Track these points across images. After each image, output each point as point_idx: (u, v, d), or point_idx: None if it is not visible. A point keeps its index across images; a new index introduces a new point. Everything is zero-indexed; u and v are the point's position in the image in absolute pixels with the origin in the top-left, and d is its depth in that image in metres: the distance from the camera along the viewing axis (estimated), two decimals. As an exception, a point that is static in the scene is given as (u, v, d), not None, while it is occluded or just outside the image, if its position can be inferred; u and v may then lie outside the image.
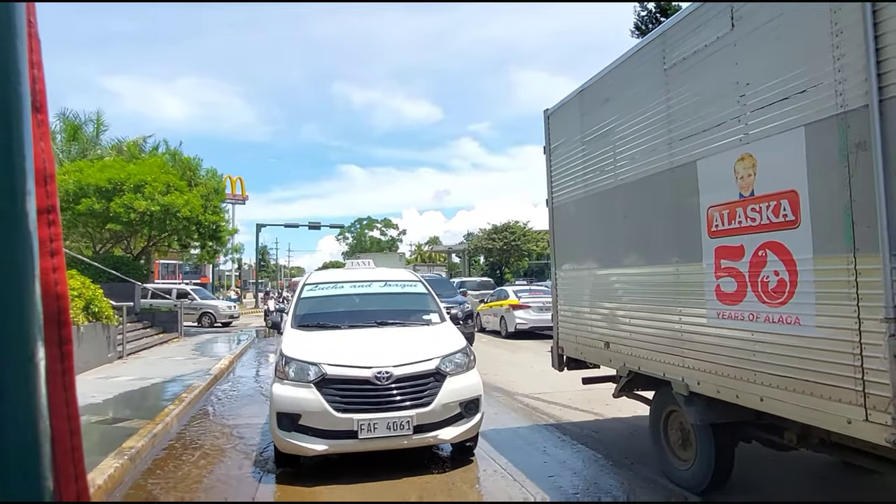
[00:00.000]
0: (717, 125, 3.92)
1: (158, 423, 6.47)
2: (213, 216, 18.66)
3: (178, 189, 17.06)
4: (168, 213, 16.54)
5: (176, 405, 7.45)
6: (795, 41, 3.29)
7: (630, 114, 4.95)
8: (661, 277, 4.61)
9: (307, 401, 4.87)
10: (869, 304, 2.88)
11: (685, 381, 4.33)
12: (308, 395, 4.88)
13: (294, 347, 5.32)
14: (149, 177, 16.56)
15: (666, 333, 4.54)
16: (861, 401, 2.94)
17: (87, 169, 16.51)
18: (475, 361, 5.55)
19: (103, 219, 16.35)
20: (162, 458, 5.75)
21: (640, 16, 20.02)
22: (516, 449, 5.81)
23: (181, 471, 5.37)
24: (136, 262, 18.69)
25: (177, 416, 7.09)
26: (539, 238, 44.32)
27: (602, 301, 5.59)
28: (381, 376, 4.93)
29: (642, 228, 4.89)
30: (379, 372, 4.94)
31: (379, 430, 4.82)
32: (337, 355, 5.14)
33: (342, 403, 4.86)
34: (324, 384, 4.91)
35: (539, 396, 8.22)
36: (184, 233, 18.25)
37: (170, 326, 17.60)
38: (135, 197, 16.00)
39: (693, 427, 4.51)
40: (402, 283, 7.05)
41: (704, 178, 4.08)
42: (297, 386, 4.96)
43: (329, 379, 4.93)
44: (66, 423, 0.57)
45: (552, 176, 6.58)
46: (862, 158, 2.88)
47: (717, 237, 3.96)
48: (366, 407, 4.88)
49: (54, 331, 0.57)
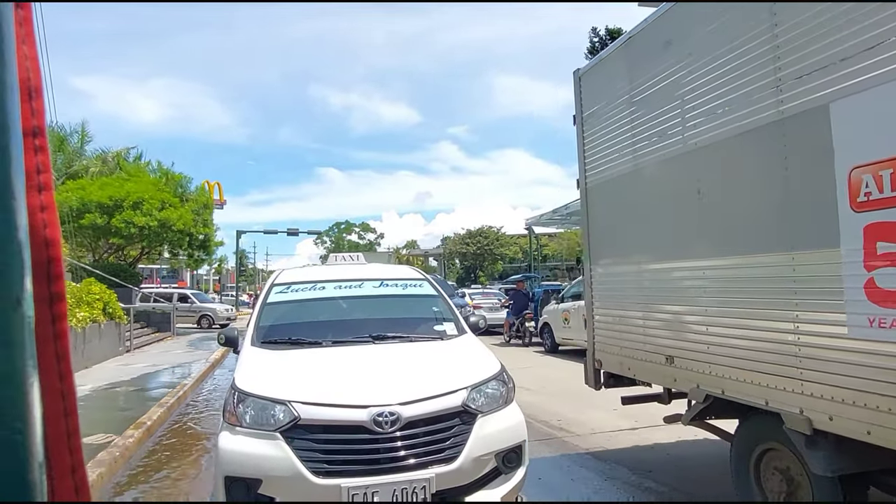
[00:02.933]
0: (869, 48, 2.70)
1: (178, 390, 9.00)
2: (203, 229, 21.16)
3: (171, 205, 19.23)
4: (164, 227, 18.73)
5: (188, 381, 10.06)
6: None
7: (710, 54, 3.73)
8: (763, 270, 3.38)
9: (271, 459, 3.32)
10: None
11: (804, 414, 3.10)
12: (272, 451, 3.33)
13: (253, 377, 3.73)
14: (146, 194, 18.52)
15: (771, 347, 3.31)
16: None
17: (88, 186, 18.32)
18: (515, 390, 3.96)
19: (105, 232, 18.42)
20: (182, 409, 8.28)
21: (592, 41, 21.69)
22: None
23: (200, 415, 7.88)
24: (132, 269, 20.78)
25: (190, 387, 9.63)
26: (511, 242, 45.28)
27: (663, 304, 4.35)
28: (384, 420, 3.38)
29: (729, 205, 3.66)
30: (379, 413, 3.39)
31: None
32: (316, 388, 3.60)
33: (324, 462, 3.35)
34: (296, 433, 3.38)
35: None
36: (177, 244, 20.51)
37: (163, 326, 19.43)
38: (134, 213, 18.04)
39: (810, 477, 3.29)
40: (404, 282, 5.26)
41: (843, 127, 2.86)
42: (255, 436, 3.40)
43: (304, 425, 3.39)
44: (61, 402, 0.48)
45: (585, 150, 5.36)
46: None
47: (869, 210, 2.73)
48: (360, 467, 3.37)
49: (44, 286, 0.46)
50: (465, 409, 3.57)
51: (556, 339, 13.74)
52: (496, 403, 3.73)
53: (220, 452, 3.40)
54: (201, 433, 7.01)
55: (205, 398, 9.30)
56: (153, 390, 9.35)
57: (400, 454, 3.36)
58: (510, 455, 3.64)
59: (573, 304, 12.46)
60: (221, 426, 3.58)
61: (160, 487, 5.17)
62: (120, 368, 11.66)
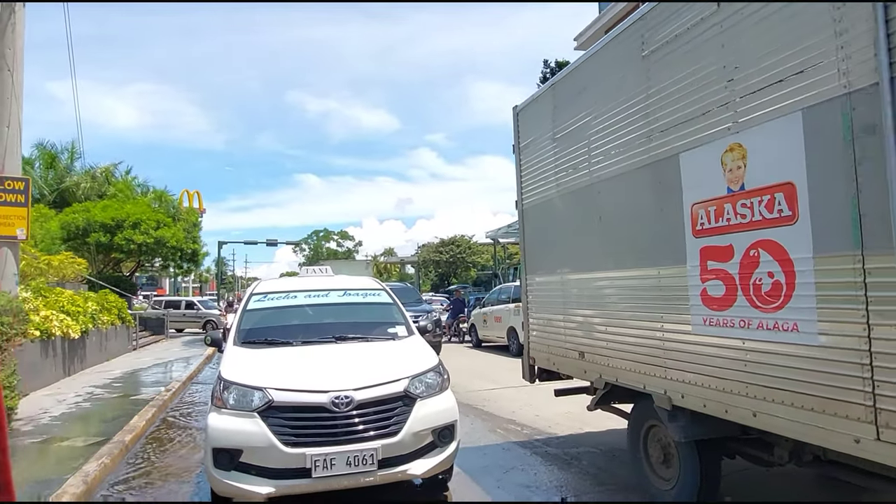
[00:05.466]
0: (703, 114, 3.59)
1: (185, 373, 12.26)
2: (193, 244, 24.55)
3: (165, 224, 22.27)
4: (159, 244, 21.75)
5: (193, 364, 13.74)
6: (791, 18, 2.98)
7: (605, 106, 4.62)
8: (640, 282, 4.26)
9: (250, 433, 4.11)
10: (880, 307, 2.55)
11: (667, 393, 3.97)
12: (251, 427, 4.12)
13: (235, 369, 4.55)
14: (143, 216, 21.58)
15: (647, 342, 4.18)
16: (871, 417, 2.60)
17: (93, 209, 21.19)
18: (449, 381, 4.81)
19: (108, 249, 21.32)
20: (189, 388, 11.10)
21: (544, 74, 23.78)
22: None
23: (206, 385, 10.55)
24: (129, 280, 24.41)
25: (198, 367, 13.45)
26: (483, 250, 46.43)
27: (576, 308, 5.22)
28: (340, 402, 4.20)
29: (619, 229, 4.54)
30: (337, 397, 4.21)
31: (337, 467, 4.07)
32: (286, 378, 4.41)
33: (293, 436, 4.13)
34: (270, 413, 4.17)
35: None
36: (170, 258, 23.89)
37: (158, 330, 22.67)
38: (133, 232, 20.93)
39: (675, 443, 4.15)
40: (364, 291, 6.20)
41: (688, 173, 3.74)
42: (237, 416, 4.19)
43: (277, 406, 4.19)
44: None
45: (522, 176, 6.22)
46: (870, 144, 2.56)
47: (703, 236, 3.62)
48: (321, 439, 4.14)
49: None
50: (406, 394, 4.40)
51: (479, 336, 16.98)
52: (433, 390, 4.57)
53: (209, 429, 4.21)
54: (207, 392, 9.41)
55: (207, 375, 12.60)
56: (171, 372, 12.78)
57: (353, 429, 4.17)
58: (444, 432, 4.49)
59: (488, 309, 16.09)
60: (210, 408, 4.38)
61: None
62: (134, 361, 14.61)
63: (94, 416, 8.04)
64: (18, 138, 8.69)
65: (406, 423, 4.29)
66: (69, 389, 10.08)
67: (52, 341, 10.59)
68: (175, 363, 14.49)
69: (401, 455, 4.25)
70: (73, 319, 11.32)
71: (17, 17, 8.15)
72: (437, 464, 4.41)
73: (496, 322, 15.58)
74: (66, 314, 11.17)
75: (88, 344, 12.87)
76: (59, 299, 11.54)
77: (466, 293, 25.43)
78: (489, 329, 16.08)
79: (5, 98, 8.18)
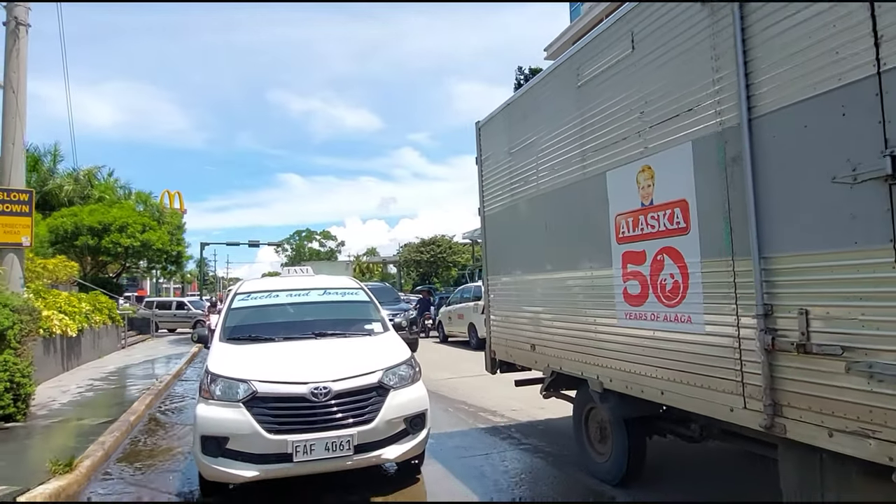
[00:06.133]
0: (623, 139, 4.22)
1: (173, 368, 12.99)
2: (177, 247, 25.47)
3: (151, 227, 23.17)
4: (145, 247, 22.67)
5: (180, 360, 14.44)
6: (684, 64, 3.61)
7: (549, 128, 5.23)
8: (578, 282, 4.89)
9: (235, 422, 4.46)
10: (745, 302, 3.19)
11: (599, 378, 4.60)
12: (236, 416, 4.48)
13: (221, 363, 4.91)
14: (129, 220, 22.37)
15: (583, 335, 4.81)
16: (740, 390, 3.25)
17: (80, 213, 21.80)
18: (421, 373, 5.27)
19: (96, 251, 22.05)
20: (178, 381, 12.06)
21: (518, 80, 25.16)
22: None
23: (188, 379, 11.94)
24: (115, 282, 25.60)
25: (186, 362, 14.37)
26: (463, 250, 46.97)
27: (528, 306, 5.84)
28: (319, 392, 4.56)
29: (561, 235, 5.16)
30: (315, 387, 4.57)
31: (316, 452, 4.44)
32: (269, 370, 4.77)
33: (275, 424, 4.47)
34: (254, 403, 4.52)
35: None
36: (155, 260, 25.13)
37: (144, 329, 23.70)
38: (120, 236, 21.71)
39: (609, 422, 4.79)
40: (343, 291, 6.64)
41: (612, 188, 4.37)
42: (224, 406, 4.56)
43: (260, 397, 4.54)
44: None
45: (483, 186, 6.82)
46: (736, 171, 3.20)
47: (624, 243, 4.25)
48: (301, 427, 4.49)
49: None
50: (380, 385, 4.83)
51: (445, 332, 18.49)
52: (405, 381, 5.01)
53: (198, 418, 4.62)
54: (194, 384, 10.51)
55: (193, 371, 13.52)
56: (161, 367, 13.85)
57: (331, 417, 4.56)
58: (416, 420, 4.93)
59: (452, 307, 17.74)
60: (198, 399, 4.82)
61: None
62: (125, 358, 15.66)
63: (98, 402, 9.04)
64: (22, 153, 9.32)
65: (380, 412, 4.69)
66: (70, 382, 10.99)
67: (53, 339, 11.39)
68: (163, 360, 15.43)
69: (375, 441, 4.65)
70: (70, 319, 12.06)
71: (21, 43, 8.72)
72: (409, 449, 4.86)
73: (459, 319, 17.02)
74: (64, 314, 11.90)
75: (83, 342, 13.68)
76: (56, 300, 12.26)
77: (436, 293, 27.85)
78: (454, 325, 17.52)
79: (10, 117, 8.78)
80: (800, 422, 2.89)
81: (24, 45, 8.84)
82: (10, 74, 8.77)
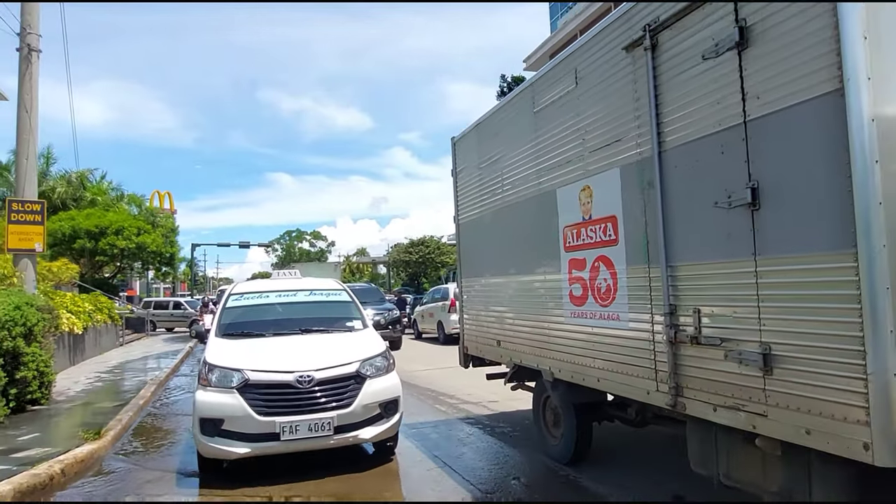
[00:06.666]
0: (568, 161, 4.87)
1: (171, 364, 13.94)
2: (170, 248, 27.14)
3: (146, 231, 24.71)
4: (140, 249, 24.20)
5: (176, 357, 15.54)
6: (613, 101, 4.26)
7: (512, 147, 5.88)
8: (534, 284, 5.54)
9: (230, 406, 5.07)
10: (657, 303, 3.84)
11: (550, 369, 5.25)
12: (231, 401, 5.09)
13: (217, 355, 5.54)
14: (125, 223, 23.87)
15: (538, 331, 5.46)
16: (654, 376, 3.90)
17: (77, 217, 23.26)
18: (394, 364, 5.91)
19: (93, 254, 23.27)
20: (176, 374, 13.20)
21: (501, 88, 26.48)
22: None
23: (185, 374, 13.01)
24: (111, 282, 27.06)
25: (181, 359, 15.37)
26: (451, 251, 47.76)
27: (494, 306, 6.48)
28: (303, 380, 5.18)
29: (521, 243, 5.81)
30: (301, 376, 5.19)
31: (301, 432, 5.04)
32: (260, 361, 5.39)
33: (265, 407, 5.07)
34: (246, 389, 5.13)
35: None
36: (149, 262, 26.71)
37: (139, 328, 24.88)
38: (116, 238, 23.10)
39: (560, 408, 5.44)
40: (327, 291, 7.35)
41: (561, 203, 5.02)
42: (220, 392, 5.17)
43: (252, 384, 5.16)
44: None
45: (458, 197, 7.46)
46: (650, 194, 3.85)
47: (570, 251, 4.90)
48: (288, 409, 5.09)
49: None
50: (358, 374, 5.49)
51: (419, 329, 20.07)
52: (381, 371, 5.68)
53: (197, 403, 5.28)
54: (192, 376, 11.92)
55: (189, 366, 14.56)
56: (159, 361, 15.12)
57: (314, 401, 5.22)
58: (389, 405, 5.61)
59: (425, 307, 19.60)
60: (196, 387, 5.48)
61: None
62: (125, 354, 16.80)
63: (107, 390, 10.27)
64: (34, 167, 10.22)
65: (357, 397, 5.35)
66: (79, 374, 12.03)
67: (62, 336, 12.23)
68: (160, 356, 16.46)
69: (353, 423, 5.32)
70: (76, 318, 12.95)
71: (34, 68, 9.45)
72: (383, 430, 5.53)
73: (430, 317, 18.92)
74: (71, 313, 12.76)
75: (87, 339, 14.62)
76: (63, 300, 13.10)
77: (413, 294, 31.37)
78: (426, 323, 19.31)
79: (24, 135, 9.55)
80: (694, 400, 3.55)
81: (36, 70, 9.60)
82: (23, 96, 9.53)
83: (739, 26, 3.10)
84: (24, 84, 9.55)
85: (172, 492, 5.30)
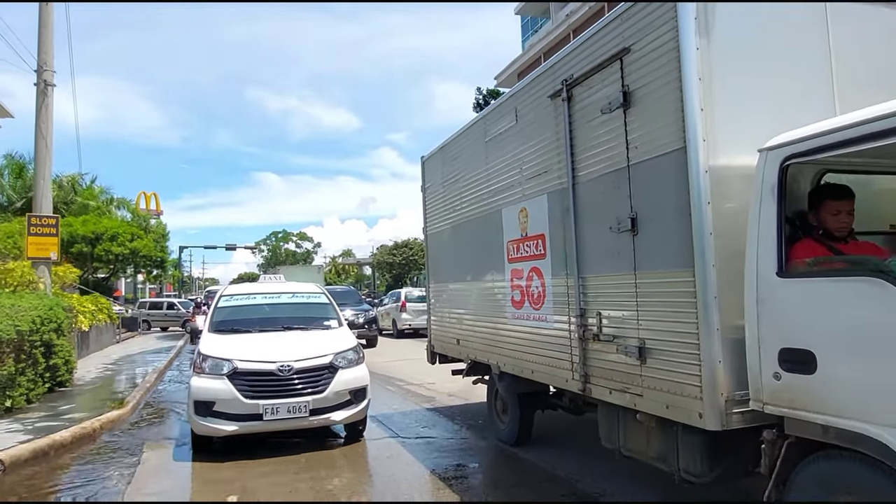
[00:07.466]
0: (510, 186, 5.71)
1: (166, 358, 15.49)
2: (161, 253, 29.40)
3: (139, 236, 26.59)
4: (133, 254, 25.94)
5: (170, 353, 17.03)
6: (542, 138, 5.11)
7: (469, 169, 6.72)
8: (485, 290, 6.38)
9: (220, 390, 5.97)
10: (572, 307, 4.69)
11: (497, 364, 6.09)
12: (221, 386, 5.99)
13: (210, 347, 6.46)
14: (119, 230, 25.68)
15: (488, 330, 6.30)
16: (570, 367, 4.75)
17: (74, 223, 24.65)
18: (364, 358, 6.89)
19: (89, 258, 24.90)
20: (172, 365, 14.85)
21: (477, 100, 28.11)
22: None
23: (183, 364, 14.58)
24: (106, 284, 28.87)
25: (175, 354, 16.88)
26: None
27: (455, 308, 7.32)
28: (284, 369, 6.11)
29: (475, 253, 6.65)
30: (281, 365, 6.12)
31: (281, 413, 5.96)
32: (247, 352, 6.29)
33: (250, 391, 5.98)
34: (235, 376, 6.03)
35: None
36: (142, 266, 28.60)
37: (132, 326, 26.27)
38: (111, 244, 24.88)
39: (507, 397, 6.28)
40: (307, 294, 8.36)
41: (505, 221, 5.87)
42: (212, 378, 6.07)
43: (239, 372, 6.06)
44: None
45: (426, 210, 8.29)
46: (568, 218, 4.70)
47: (512, 262, 5.75)
48: (270, 394, 6.01)
49: None
50: (331, 365, 6.40)
51: (379, 327, 21.18)
52: (351, 363, 6.61)
53: (192, 388, 6.17)
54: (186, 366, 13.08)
55: (183, 359, 16.14)
56: (155, 355, 16.61)
57: (292, 387, 6.14)
58: (358, 392, 6.53)
59: (384, 308, 22.93)
60: (191, 374, 6.36)
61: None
62: (124, 349, 18.34)
63: (118, 378, 12.08)
64: (49, 186, 11.84)
65: (330, 385, 6.28)
66: (89, 366, 13.52)
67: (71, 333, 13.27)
68: (155, 351, 18.03)
69: (326, 407, 6.24)
70: (83, 316, 14.12)
71: (49, 100, 10.62)
72: (353, 414, 6.45)
73: (387, 316, 22.24)
74: (78, 312, 13.84)
75: (91, 336, 15.91)
76: (70, 301, 14.02)
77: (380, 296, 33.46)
78: (385, 321, 22.31)
79: (41, 159, 10.92)
80: (597, 385, 4.40)
81: (52, 102, 10.75)
82: (40, 125, 10.68)
83: (623, 91, 3.96)
84: (40, 114, 10.70)
85: (182, 440, 6.88)
